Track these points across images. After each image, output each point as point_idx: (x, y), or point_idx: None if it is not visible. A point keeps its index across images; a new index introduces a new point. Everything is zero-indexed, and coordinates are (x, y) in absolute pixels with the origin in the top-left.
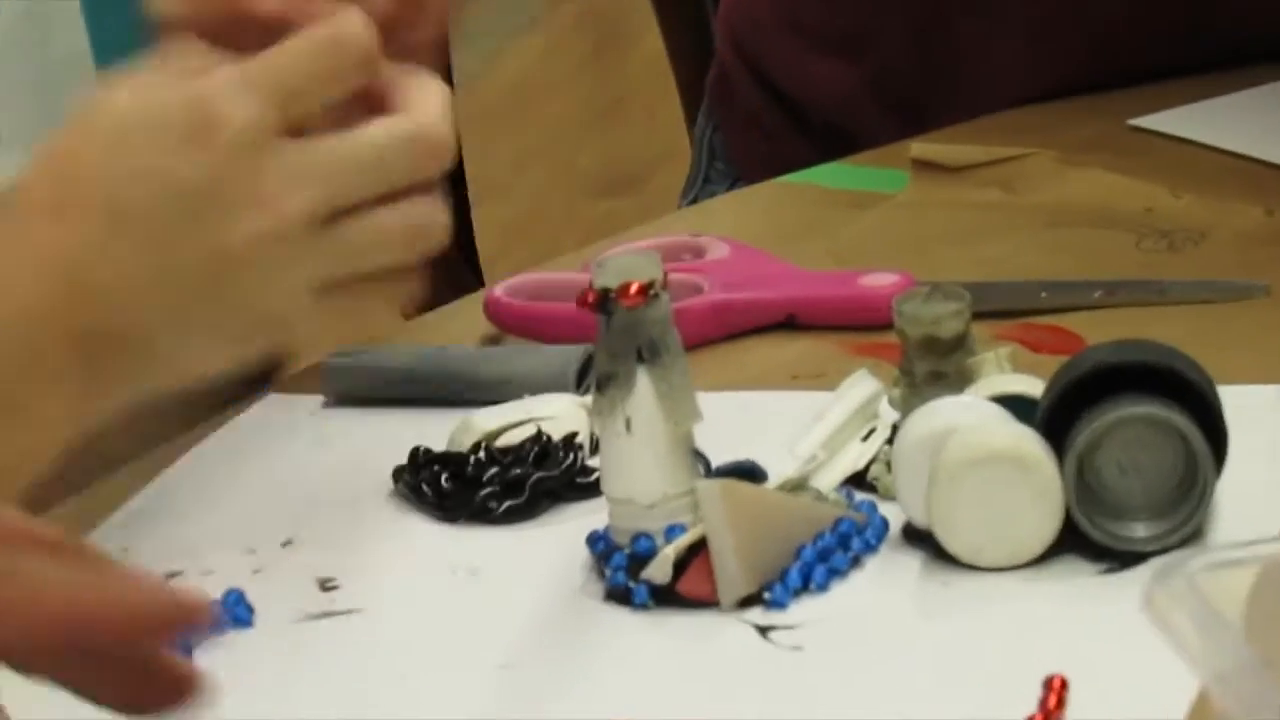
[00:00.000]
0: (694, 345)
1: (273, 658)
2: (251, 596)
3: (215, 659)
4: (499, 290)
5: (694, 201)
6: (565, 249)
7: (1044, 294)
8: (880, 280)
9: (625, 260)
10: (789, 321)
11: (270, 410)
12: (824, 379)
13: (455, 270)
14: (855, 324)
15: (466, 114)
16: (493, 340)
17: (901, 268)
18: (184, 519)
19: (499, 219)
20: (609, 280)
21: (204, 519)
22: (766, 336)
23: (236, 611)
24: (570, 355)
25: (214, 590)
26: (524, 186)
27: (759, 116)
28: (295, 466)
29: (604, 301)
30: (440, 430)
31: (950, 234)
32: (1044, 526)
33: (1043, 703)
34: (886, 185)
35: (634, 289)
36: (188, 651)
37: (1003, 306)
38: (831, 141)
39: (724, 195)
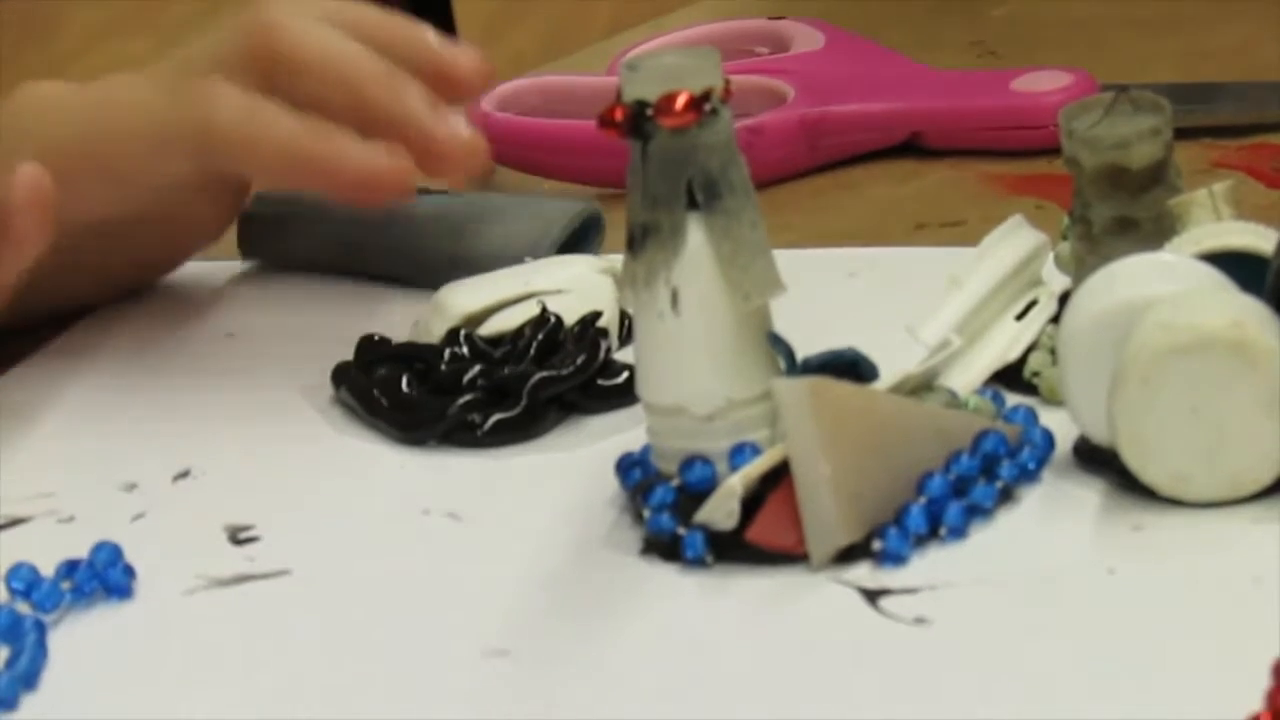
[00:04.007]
0: (773, 181)
1: (162, 642)
2: (131, 554)
3: (80, 644)
4: (487, 102)
5: None
6: (588, 35)
7: None
8: (1043, 83)
9: (667, 59)
10: (912, 144)
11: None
12: (962, 229)
13: None
14: (1007, 148)
15: None
16: (481, 182)
17: (1074, 64)
18: (32, 441)
19: None
20: (644, 89)
21: (62, 441)
22: (879, 166)
23: (109, 576)
24: (552, 216)
25: (77, 545)
26: None
27: None
28: (193, 363)
29: (637, 120)
30: (401, 310)
31: (1145, 14)
32: (1278, 443)
33: (1272, 696)
34: None
35: (681, 102)
36: (40, 631)
37: (1223, 120)
38: None
39: None
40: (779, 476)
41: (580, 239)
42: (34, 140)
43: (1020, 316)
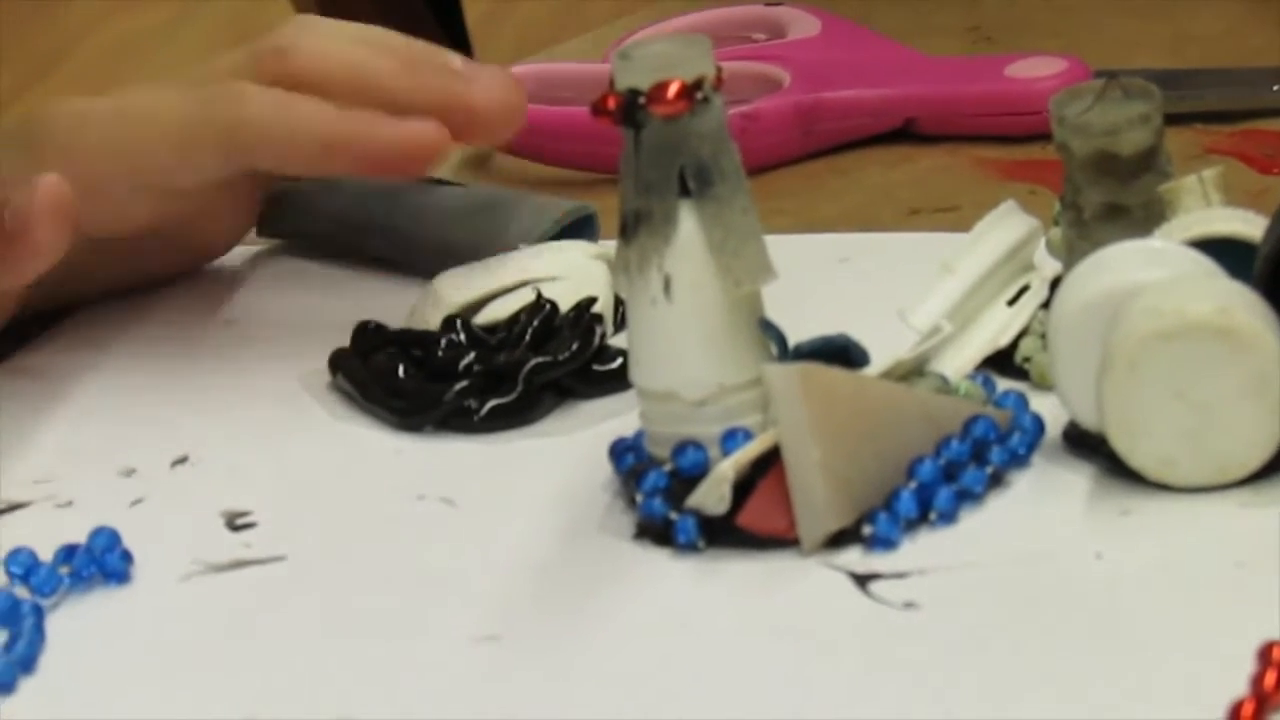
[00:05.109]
0: (767, 167)
1: (159, 627)
2: (129, 539)
3: (78, 629)
4: None
5: None
6: (590, 22)
7: (1277, 87)
8: (1036, 69)
9: (660, 47)
10: (906, 130)
11: None
12: (954, 214)
13: None
14: (1001, 134)
15: None
16: (479, 165)
17: (1068, 50)
18: (31, 426)
19: None
20: (637, 78)
21: (61, 427)
22: (873, 152)
23: (107, 561)
24: (547, 209)
25: (75, 530)
26: None
27: None
28: (192, 350)
29: (630, 109)
30: (398, 298)
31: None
32: (1264, 429)
33: (1257, 680)
34: None
35: (673, 90)
36: (37, 615)
37: (1214, 106)
38: None
39: None
40: (770, 461)
41: (574, 237)
42: (62, 153)
43: (1012, 302)
